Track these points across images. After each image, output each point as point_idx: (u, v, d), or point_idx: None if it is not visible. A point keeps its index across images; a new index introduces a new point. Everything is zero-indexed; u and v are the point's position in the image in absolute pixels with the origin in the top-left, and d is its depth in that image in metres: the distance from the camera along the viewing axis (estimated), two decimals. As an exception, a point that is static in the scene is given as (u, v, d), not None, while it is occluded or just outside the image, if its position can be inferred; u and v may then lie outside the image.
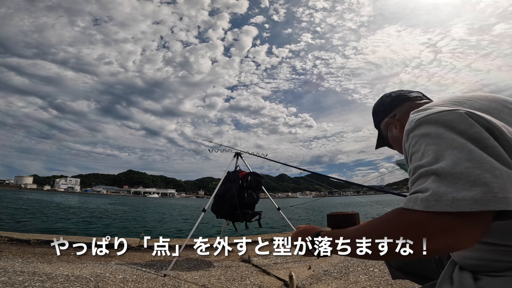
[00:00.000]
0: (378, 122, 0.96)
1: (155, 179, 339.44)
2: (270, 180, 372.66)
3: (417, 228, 0.49)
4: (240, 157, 3.58)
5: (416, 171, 0.54)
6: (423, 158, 0.53)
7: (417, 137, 0.58)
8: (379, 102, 0.95)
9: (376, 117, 0.97)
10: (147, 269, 2.49)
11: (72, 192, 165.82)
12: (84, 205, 26.86)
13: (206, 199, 4.61)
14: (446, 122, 0.55)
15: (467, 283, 0.58)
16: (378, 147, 1.04)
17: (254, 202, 3.31)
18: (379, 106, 0.95)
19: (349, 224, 0.83)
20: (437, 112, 0.58)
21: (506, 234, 0.52)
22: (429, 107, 0.63)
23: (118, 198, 75.40)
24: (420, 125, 0.58)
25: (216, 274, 2.45)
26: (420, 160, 0.54)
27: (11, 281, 1.84)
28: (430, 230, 0.48)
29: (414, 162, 0.56)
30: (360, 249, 0.57)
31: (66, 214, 14.97)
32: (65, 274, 2.12)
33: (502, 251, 0.55)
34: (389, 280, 2.13)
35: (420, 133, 0.57)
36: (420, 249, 0.49)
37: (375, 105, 0.97)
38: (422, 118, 0.59)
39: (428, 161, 0.52)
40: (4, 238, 3.13)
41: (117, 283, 2.04)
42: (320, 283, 2.17)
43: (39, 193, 74.50)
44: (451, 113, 0.56)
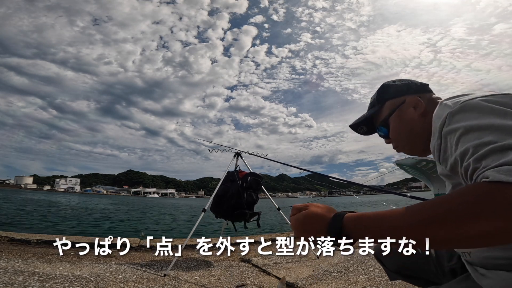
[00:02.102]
0: (388, 97, 0.83)
1: (155, 179, 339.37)
2: (270, 180, 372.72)
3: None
4: (240, 157, 3.58)
5: (481, 148, 0.47)
6: (487, 136, 0.48)
7: (467, 119, 0.52)
8: (399, 81, 0.85)
9: (385, 92, 0.84)
10: (147, 269, 2.49)
11: (72, 192, 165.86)
12: (84, 205, 26.85)
13: (206, 199, 4.61)
14: (503, 103, 0.52)
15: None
16: (362, 131, 0.92)
17: (254, 202, 3.31)
18: (398, 85, 0.83)
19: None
20: (487, 95, 0.55)
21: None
22: (467, 93, 0.60)
23: (118, 198, 75.38)
24: (470, 107, 0.53)
25: (216, 274, 2.45)
26: (481, 138, 0.48)
27: (11, 281, 1.84)
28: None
29: (470, 141, 0.49)
30: (430, 239, 0.44)
31: (66, 214, 14.96)
32: (65, 274, 2.11)
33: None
34: (389, 280, 2.13)
35: (471, 115, 0.52)
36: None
37: (391, 81, 0.86)
38: (470, 101, 0.54)
39: (498, 137, 0.47)
40: (4, 238, 3.13)
41: (117, 283, 2.04)
42: (320, 283, 2.17)
43: (39, 193, 74.46)
44: (505, 96, 0.54)
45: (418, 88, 0.81)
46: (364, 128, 0.91)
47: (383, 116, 0.83)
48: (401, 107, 0.79)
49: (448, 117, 0.55)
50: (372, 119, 0.88)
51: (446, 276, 0.84)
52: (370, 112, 0.87)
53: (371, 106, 0.89)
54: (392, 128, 0.82)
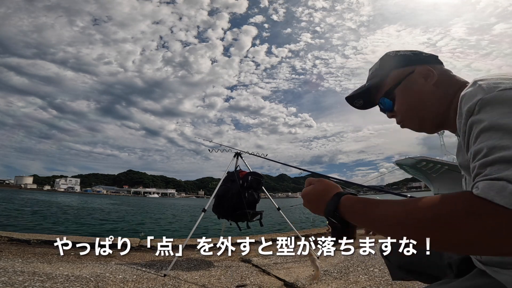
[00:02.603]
0: (394, 67, 0.74)
1: (155, 179, 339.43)
2: (270, 180, 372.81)
3: (498, 229, 0.38)
4: (240, 157, 3.58)
5: (494, 152, 0.43)
6: (507, 139, 0.43)
7: (496, 113, 0.46)
8: (404, 51, 0.76)
9: (391, 61, 0.75)
10: (147, 269, 2.49)
11: (72, 192, 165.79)
12: (85, 205, 26.85)
13: (206, 199, 4.61)
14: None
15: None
16: (358, 105, 0.83)
17: (255, 202, 3.31)
18: (405, 54, 0.74)
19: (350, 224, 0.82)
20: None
21: None
22: (506, 76, 0.51)
23: (118, 198, 75.39)
24: (504, 99, 0.47)
25: (216, 274, 2.45)
26: (500, 140, 0.43)
27: (11, 281, 1.84)
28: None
29: (488, 140, 0.45)
30: (395, 234, 0.49)
31: (66, 214, 14.96)
32: (65, 274, 2.11)
33: None
34: (389, 280, 2.13)
35: (502, 109, 0.46)
36: (491, 251, 0.41)
37: (394, 52, 0.77)
38: (507, 91, 0.47)
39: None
40: (4, 238, 3.13)
41: (117, 283, 2.04)
42: (320, 283, 2.17)
43: (39, 193, 74.48)
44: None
45: (427, 58, 0.72)
46: (361, 101, 0.82)
47: (387, 87, 0.73)
48: (410, 77, 0.70)
49: (479, 104, 0.49)
50: (372, 91, 0.78)
51: (447, 270, 0.83)
52: (372, 82, 0.78)
53: (372, 76, 0.79)
54: (398, 100, 0.72)
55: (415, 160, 36.36)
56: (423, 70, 0.69)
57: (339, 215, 0.56)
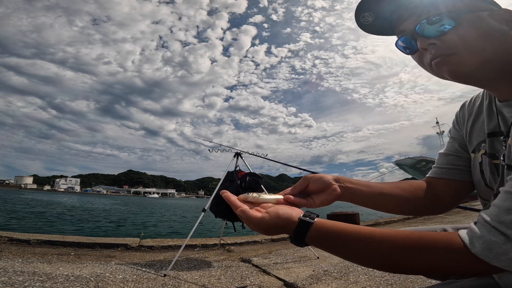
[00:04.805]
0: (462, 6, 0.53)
1: (155, 179, 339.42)
2: (270, 180, 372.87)
3: (461, 272, 0.42)
4: (240, 157, 3.58)
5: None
6: None
7: None
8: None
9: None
10: (147, 269, 2.49)
11: (72, 192, 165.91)
12: (87, 204, 26.86)
13: (206, 199, 4.62)
14: None
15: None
16: (364, 21, 0.63)
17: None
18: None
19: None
20: None
21: None
22: None
23: (118, 198, 75.39)
24: None
25: (216, 274, 2.45)
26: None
27: (11, 281, 1.84)
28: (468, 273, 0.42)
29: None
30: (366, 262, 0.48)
31: (66, 214, 14.96)
32: (65, 274, 2.11)
33: None
34: (389, 280, 2.13)
35: None
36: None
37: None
38: None
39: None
40: (4, 238, 3.13)
41: (117, 283, 2.04)
42: (320, 283, 2.17)
43: (39, 193, 74.47)
44: None
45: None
46: (371, 17, 0.62)
47: (447, 7, 0.53)
48: (486, 14, 0.53)
49: None
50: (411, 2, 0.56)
51: None
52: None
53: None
54: (463, 30, 0.52)
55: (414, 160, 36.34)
56: (507, 16, 0.52)
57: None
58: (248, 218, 0.53)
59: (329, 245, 0.49)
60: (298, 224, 0.50)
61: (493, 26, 0.52)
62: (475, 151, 0.67)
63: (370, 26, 0.64)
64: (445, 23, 0.53)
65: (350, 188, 0.68)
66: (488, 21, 0.53)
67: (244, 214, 0.54)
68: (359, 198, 0.69)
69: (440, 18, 0.53)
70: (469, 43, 0.52)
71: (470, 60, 0.53)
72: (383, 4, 0.59)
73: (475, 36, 0.52)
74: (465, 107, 0.74)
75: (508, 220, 0.39)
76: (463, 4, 0.54)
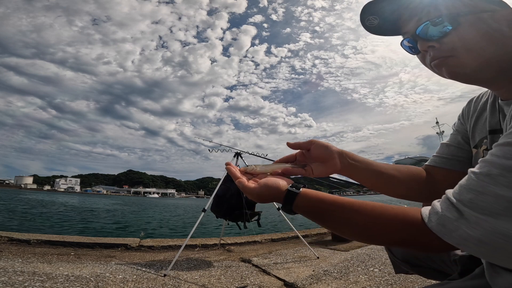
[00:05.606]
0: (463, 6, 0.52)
1: (155, 179, 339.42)
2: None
3: (419, 247, 0.47)
4: (240, 157, 3.58)
5: (492, 170, 0.39)
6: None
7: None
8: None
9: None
10: (147, 269, 2.49)
11: (72, 192, 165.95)
12: (88, 205, 26.86)
13: (206, 199, 4.62)
14: None
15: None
16: (369, 23, 0.63)
17: (254, 202, 3.31)
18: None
19: None
20: None
21: None
22: None
23: (118, 198, 75.40)
24: None
25: (216, 274, 2.45)
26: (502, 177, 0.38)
27: (11, 281, 1.84)
28: (425, 249, 0.47)
29: (497, 167, 0.39)
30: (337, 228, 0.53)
31: (66, 214, 14.96)
32: (65, 274, 2.11)
33: None
34: (389, 280, 2.13)
35: None
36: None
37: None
38: None
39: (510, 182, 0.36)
40: (4, 238, 3.13)
41: (117, 283, 2.04)
42: (320, 283, 2.17)
43: (39, 193, 74.48)
44: None
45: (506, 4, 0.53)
46: (376, 19, 0.62)
47: (448, 8, 0.53)
48: (487, 15, 0.52)
49: None
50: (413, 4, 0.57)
51: (452, 266, 0.82)
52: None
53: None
54: (463, 31, 0.52)
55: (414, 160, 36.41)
56: (509, 15, 0.51)
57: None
58: (244, 188, 0.61)
59: (312, 213, 0.54)
60: (286, 194, 0.56)
61: (493, 27, 0.52)
62: (477, 147, 0.68)
63: (376, 28, 0.64)
64: (445, 25, 0.53)
65: (351, 165, 0.71)
66: (489, 22, 0.52)
67: (240, 184, 0.61)
68: (358, 175, 0.72)
69: (440, 20, 0.53)
70: (469, 44, 0.53)
71: (469, 62, 0.53)
72: (386, 7, 0.60)
73: (475, 38, 0.52)
74: (472, 102, 0.75)
75: (467, 199, 0.40)
76: (463, 5, 0.53)
